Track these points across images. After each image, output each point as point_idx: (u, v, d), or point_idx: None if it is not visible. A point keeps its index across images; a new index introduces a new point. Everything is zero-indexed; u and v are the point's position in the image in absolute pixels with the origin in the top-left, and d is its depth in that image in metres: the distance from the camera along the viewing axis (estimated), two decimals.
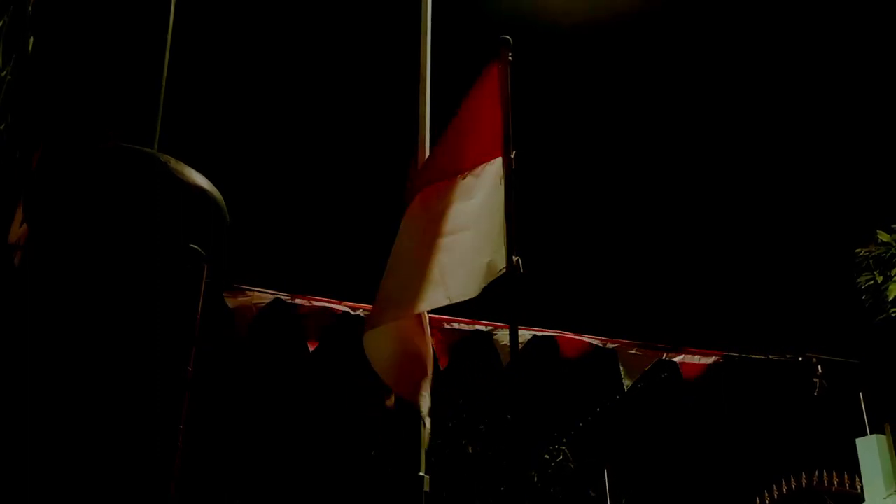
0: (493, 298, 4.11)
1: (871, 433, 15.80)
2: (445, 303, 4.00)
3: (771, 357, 11.28)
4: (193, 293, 2.77)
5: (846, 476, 18.02)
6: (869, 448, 15.76)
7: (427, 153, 4.63)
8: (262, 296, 7.42)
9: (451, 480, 15.59)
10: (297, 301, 7.46)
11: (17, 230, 2.80)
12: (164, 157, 2.87)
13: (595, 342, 8.28)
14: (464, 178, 4.19)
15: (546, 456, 17.69)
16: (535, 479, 17.37)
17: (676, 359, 8.42)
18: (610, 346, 8.30)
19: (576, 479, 18.37)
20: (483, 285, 3.95)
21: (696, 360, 8.55)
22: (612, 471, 21.35)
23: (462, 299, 4.00)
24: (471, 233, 4.06)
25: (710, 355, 8.65)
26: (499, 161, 4.12)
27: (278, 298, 7.42)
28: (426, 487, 4.03)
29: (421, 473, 4.05)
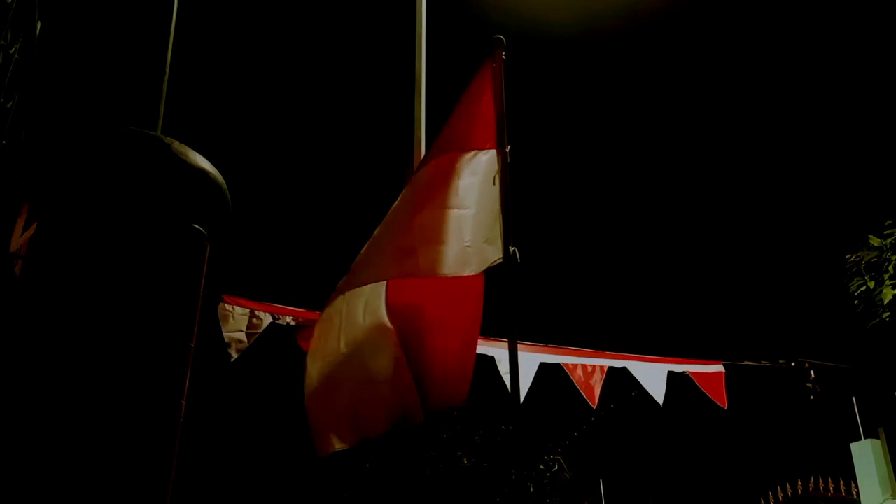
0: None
1: (866, 437, 15.80)
2: (418, 275, 4.00)
3: (764, 363, 11.29)
4: (196, 273, 2.79)
5: (842, 481, 18.02)
6: (864, 452, 15.75)
7: (423, 154, 4.67)
8: (259, 320, 7.32)
9: (446, 493, 15.45)
10: (290, 320, 7.39)
11: (19, 239, 2.80)
12: (168, 140, 2.90)
13: (608, 363, 8.28)
14: (452, 159, 4.23)
15: (541, 466, 17.58)
16: (531, 490, 17.23)
17: (679, 368, 8.45)
18: (622, 363, 8.32)
19: (571, 489, 18.27)
20: (460, 271, 3.96)
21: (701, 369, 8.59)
22: (608, 480, 21.30)
23: (433, 275, 3.99)
24: (453, 213, 4.07)
25: (711, 364, 8.68)
26: (492, 153, 4.20)
27: (273, 323, 7.34)
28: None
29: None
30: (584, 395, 8.22)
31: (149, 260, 2.66)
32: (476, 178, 4.16)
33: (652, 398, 8.30)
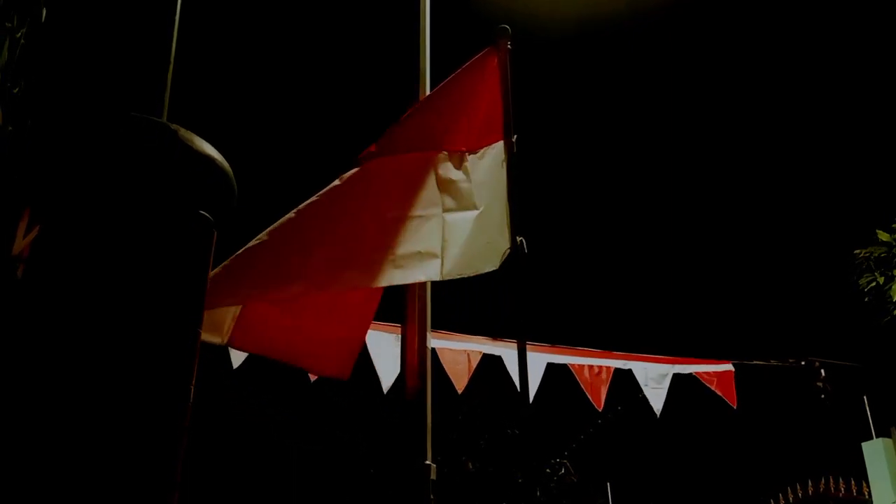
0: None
1: (877, 437, 15.67)
2: (437, 278, 3.90)
3: (773, 362, 11.14)
4: (203, 260, 2.73)
5: (853, 481, 17.84)
6: (875, 452, 15.62)
7: None
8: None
9: (451, 498, 15.38)
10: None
11: (21, 242, 2.75)
12: (174, 126, 2.85)
13: (614, 364, 8.17)
14: (462, 156, 4.19)
15: (547, 469, 17.51)
16: (538, 494, 17.15)
17: (688, 369, 8.33)
18: (627, 365, 8.21)
19: (579, 493, 18.18)
20: (482, 269, 3.93)
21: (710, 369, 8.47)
22: (616, 483, 21.17)
23: (456, 277, 3.92)
24: (474, 213, 4.05)
25: (720, 363, 8.55)
26: (500, 145, 4.18)
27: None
28: (433, 476, 3.91)
29: (427, 462, 3.93)
30: (589, 397, 8.10)
31: (155, 245, 2.62)
32: (486, 173, 4.14)
33: (658, 399, 8.17)
